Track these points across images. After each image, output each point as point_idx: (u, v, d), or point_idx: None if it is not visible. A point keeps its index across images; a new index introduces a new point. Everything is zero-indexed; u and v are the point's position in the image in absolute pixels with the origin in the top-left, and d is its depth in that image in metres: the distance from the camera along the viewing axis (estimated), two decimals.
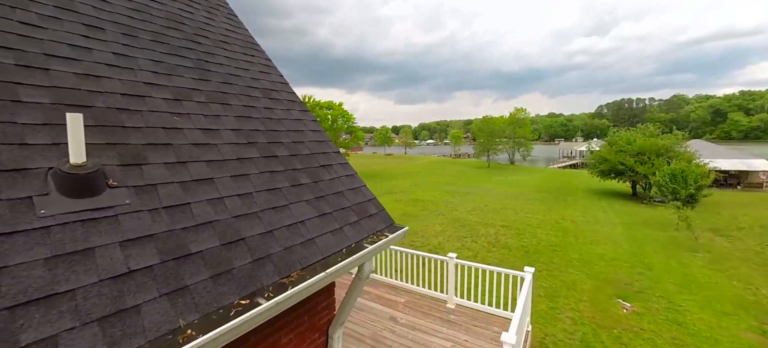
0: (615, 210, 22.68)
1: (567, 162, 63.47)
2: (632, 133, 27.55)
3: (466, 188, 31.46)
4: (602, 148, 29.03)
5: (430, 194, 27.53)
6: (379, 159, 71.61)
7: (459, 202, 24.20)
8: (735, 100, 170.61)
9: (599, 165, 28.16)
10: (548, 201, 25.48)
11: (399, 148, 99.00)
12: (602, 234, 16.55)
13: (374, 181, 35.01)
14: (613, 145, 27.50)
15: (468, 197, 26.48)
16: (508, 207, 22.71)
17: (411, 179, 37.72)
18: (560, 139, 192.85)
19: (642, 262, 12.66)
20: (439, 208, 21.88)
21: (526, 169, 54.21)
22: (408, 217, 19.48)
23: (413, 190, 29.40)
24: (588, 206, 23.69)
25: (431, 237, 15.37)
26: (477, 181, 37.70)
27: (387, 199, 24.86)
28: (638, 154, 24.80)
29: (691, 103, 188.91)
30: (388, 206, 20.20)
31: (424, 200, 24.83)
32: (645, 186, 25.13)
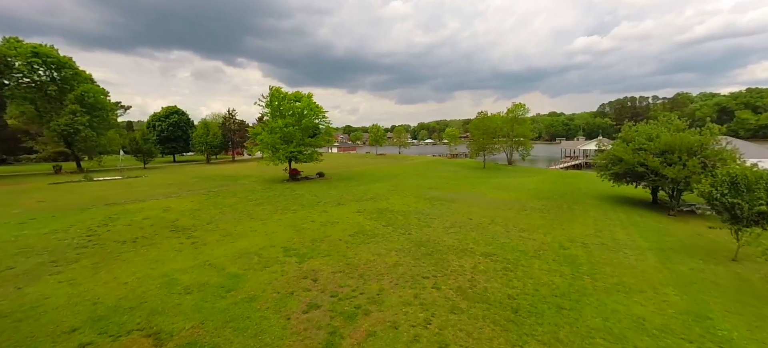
0: (637, 225, 17.27)
1: (570, 162, 57.88)
2: (653, 127, 22.03)
3: (453, 194, 26.12)
4: (615, 145, 23.55)
5: (405, 202, 22.26)
6: (369, 159, 66.35)
7: (437, 214, 18.91)
8: (742, 97, 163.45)
9: (612, 166, 22.71)
10: (550, 212, 20.10)
11: (395, 148, 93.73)
12: (629, 269, 11.19)
13: (348, 185, 29.81)
14: (629, 142, 22.03)
15: (451, 207, 21.17)
16: (498, 221, 17.37)
17: (393, 182, 32.46)
18: (562, 138, 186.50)
19: (714, 337, 7.32)
20: (408, 223, 16.60)
21: (525, 170, 48.72)
22: (361, 237, 14.23)
23: (387, 197, 24.13)
24: (601, 220, 18.29)
25: (372, 278, 10.09)
26: (468, 184, 32.32)
27: (349, 209, 19.64)
28: (664, 153, 19.32)
29: (696, 101, 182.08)
30: (345, 219, 13.87)
31: (394, 211, 19.56)
32: (672, 192, 19.63)
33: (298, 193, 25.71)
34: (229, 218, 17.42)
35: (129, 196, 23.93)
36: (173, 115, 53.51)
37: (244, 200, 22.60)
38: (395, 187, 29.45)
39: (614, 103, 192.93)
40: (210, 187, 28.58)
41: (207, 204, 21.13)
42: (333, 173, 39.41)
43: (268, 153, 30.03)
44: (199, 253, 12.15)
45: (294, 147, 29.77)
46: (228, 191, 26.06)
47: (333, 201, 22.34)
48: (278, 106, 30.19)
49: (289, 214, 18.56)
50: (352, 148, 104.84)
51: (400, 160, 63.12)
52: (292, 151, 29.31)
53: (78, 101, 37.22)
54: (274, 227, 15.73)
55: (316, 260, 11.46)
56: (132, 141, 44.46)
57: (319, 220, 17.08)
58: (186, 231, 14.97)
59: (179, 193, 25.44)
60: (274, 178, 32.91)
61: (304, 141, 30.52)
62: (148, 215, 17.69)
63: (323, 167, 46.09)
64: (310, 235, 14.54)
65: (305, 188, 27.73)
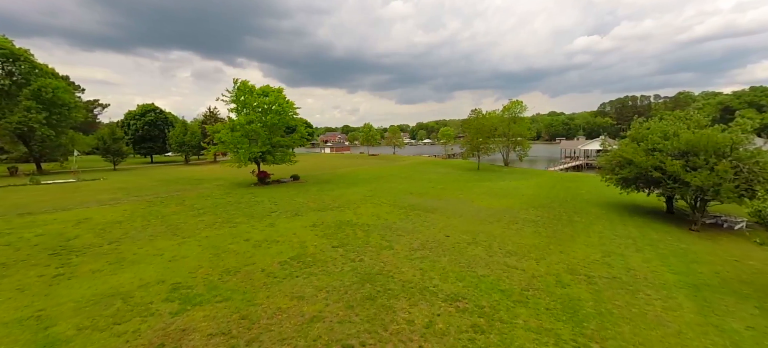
0: (654, 245, 13.62)
1: (570, 163, 54.10)
2: (669, 123, 18.32)
3: (435, 201, 22.53)
4: (622, 145, 19.88)
5: (375, 212, 18.70)
6: (359, 160, 62.77)
7: (408, 229, 15.34)
8: (745, 96, 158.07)
9: (619, 170, 19.04)
10: (546, 225, 16.49)
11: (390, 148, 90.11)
12: (658, 327, 7.57)
13: (322, 190, 26.26)
14: (640, 141, 18.36)
15: (428, 218, 17.59)
16: (480, 240, 13.78)
17: (373, 186, 28.89)
18: (561, 138, 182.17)
19: None
20: (365, 244, 13.03)
21: (522, 171, 45.01)
22: (294, 265, 10.68)
23: (358, 205, 20.57)
24: (608, 237, 14.65)
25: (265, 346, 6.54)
26: (456, 188, 28.70)
27: (302, 222, 16.10)
28: (685, 155, 15.64)
29: (698, 100, 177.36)
30: (289, 236, 13.39)
31: (356, 224, 16.00)
32: (695, 202, 15.92)
33: (258, 199, 22.17)
34: (145, 235, 13.88)
35: (58, 203, 20.45)
36: (149, 114, 49.89)
37: (188, 209, 19.09)
38: (373, 192, 25.88)
39: (615, 103, 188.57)
40: (164, 191, 25.08)
41: (138, 214, 17.62)
42: (312, 176, 35.85)
43: (232, 154, 26.48)
44: (45, 293, 8.61)
45: (260, 147, 26.23)
46: (178, 197, 22.54)
47: (290, 211, 18.78)
48: (244, 100, 26.64)
49: (225, 229, 15.00)
50: (346, 148, 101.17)
51: (391, 161, 59.51)
52: (256, 151, 25.72)
53: (34, 97, 33.82)
54: (190, 249, 12.18)
55: (202, 309, 7.91)
56: (100, 140, 41.04)
57: (256, 239, 13.52)
58: (70, 255, 11.44)
59: (122, 199, 21.95)
60: (241, 182, 29.39)
61: (273, 141, 26.94)
62: (46, 230, 14.18)
63: (305, 169, 42.54)
64: (229, 262, 10.99)
65: (269, 194, 24.18)
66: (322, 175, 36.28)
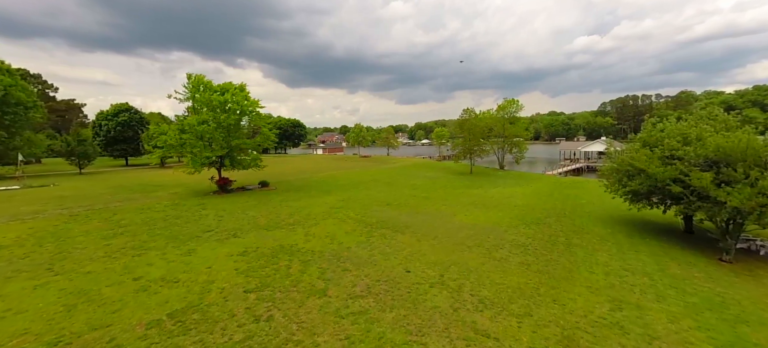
0: (679, 286, 10.18)
1: (570, 166, 50.54)
2: (690, 124, 14.82)
3: (410, 215, 19.14)
4: (630, 150, 16.42)
5: (335, 231, 15.35)
6: (348, 162, 59.42)
7: (365, 258, 11.97)
8: (749, 95, 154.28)
9: (628, 181, 15.57)
10: (538, 252, 13.07)
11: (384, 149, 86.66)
12: None
13: (286, 199, 22.92)
14: (654, 147, 14.90)
15: (395, 241, 14.22)
16: (449, 278, 10.38)
17: (349, 194, 25.52)
18: (561, 138, 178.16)
19: None
20: (296, 284, 9.67)
21: (517, 175, 41.50)
22: (171, 325, 7.34)
23: (320, 220, 17.23)
24: (617, 272, 11.22)
25: None
26: (440, 197, 25.29)
27: (239, 244, 12.76)
28: (715, 165, 12.19)
29: (700, 99, 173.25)
30: (208, 265, 10.81)
31: (303, 250, 12.66)
32: (727, 226, 12.42)
33: (203, 213, 18.81)
34: (9, 270, 10.52)
35: None
36: (123, 114, 46.45)
37: (107, 227, 15.74)
38: (344, 202, 22.49)
39: (615, 102, 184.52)
40: (105, 202, 21.76)
41: (39, 234, 14.28)
42: (285, 182, 32.47)
43: (188, 158, 23.09)
44: None
45: (217, 150, 22.86)
46: (110, 210, 19.21)
47: (228, 231, 15.40)
48: (200, 98, 23.25)
49: (125, 259, 11.63)
50: (339, 149, 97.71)
51: (381, 164, 56.11)
52: (209, 156, 22.32)
53: None
54: (42, 296, 8.81)
55: None
56: (64, 143, 37.81)
57: (151, 277, 10.16)
58: None
59: (45, 212, 18.64)
60: (201, 190, 26.03)
61: (232, 143, 23.54)
62: None
63: (283, 173, 39.08)
64: (76, 322, 7.63)
65: (221, 206, 20.82)
66: (296, 181, 32.90)
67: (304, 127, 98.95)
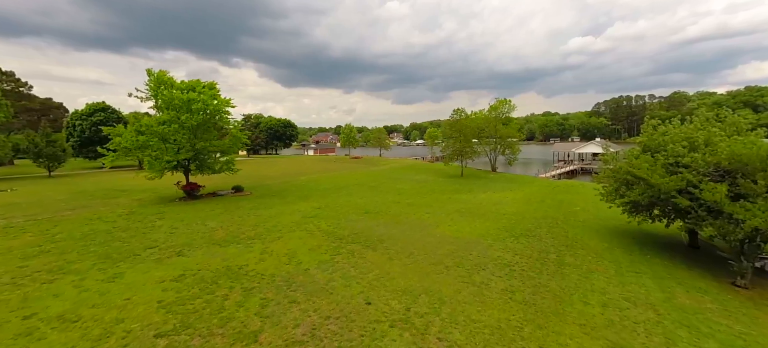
0: (691, 325, 8.43)
1: (563, 168, 49.01)
2: (696, 127, 13.11)
3: (389, 226, 17.31)
4: (630, 156, 14.69)
5: (297, 248, 13.49)
6: (335, 164, 57.52)
7: (322, 284, 10.12)
8: (740, 96, 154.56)
9: (626, 190, 13.85)
10: (525, 274, 11.29)
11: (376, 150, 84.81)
12: None
13: (258, 206, 21.00)
14: (655, 151, 13.19)
15: (363, 259, 12.40)
16: (415, 314, 8.56)
17: (327, 200, 23.65)
18: (556, 139, 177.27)
19: None
20: (225, 323, 7.80)
21: (510, 178, 39.80)
22: None
23: (285, 233, 15.36)
24: (617, 303, 9.46)
25: None
26: (425, 204, 23.49)
27: (178, 266, 10.86)
28: (729, 175, 10.48)
29: (693, 100, 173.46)
30: (126, 297, 8.86)
31: (252, 273, 10.79)
32: (743, 246, 10.69)
33: (157, 224, 16.84)
34: None
35: None
36: (98, 113, 44.02)
37: (40, 241, 13.74)
38: (319, 210, 20.62)
39: (610, 103, 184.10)
40: (55, 210, 19.72)
41: None
42: (263, 186, 30.50)
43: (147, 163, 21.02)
44: None
45: (180, 154, 20.84)
46: (52, 221, 17.17)
47: (173, 248, 13.46)
48: (163, 96, 21.19)
49: (29, 288, 9.66)
50: (331, 150, 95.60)
51: (370, 165, 54.26)
52: (171, 161, 20.27)
53: None
54: None
55: None
56: (31, 143, 35.48)
57: (49, 313, 8.22)
58: None
59: None
60: (168, 196, 24.00)
61: (198, 146, 21.51)
62: None
63: (263, 177, 37.03)
64: None
65: (181, 215, 18.86)
66: (276, 185, 30.92)
67: (295, 128, 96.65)
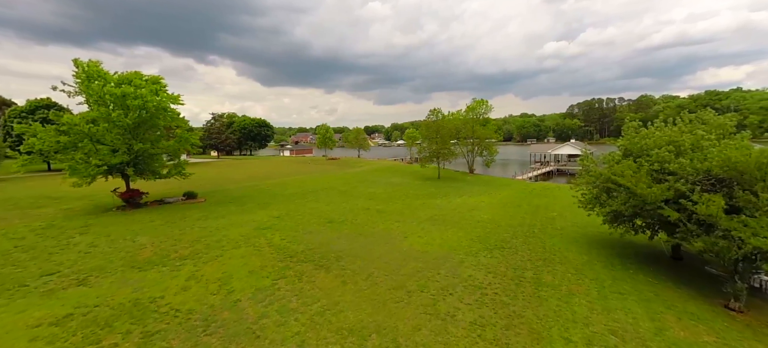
0: None
1: (540, 169, 48.75)
2: (681, 130, 11.97)
3: (352, 238, 15.37)
4: (610, 160, 13.44)
5: (236, 270, 11.34)
6: (309, 165, 54.96)
7: (250, 322, 8.09)
8: (701, 99, 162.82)
9: (607, 199, 12.56)
10: (498, 299, 9.68)
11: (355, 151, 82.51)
12: None
13: (211, 214, 18.55)
14: (638, 156, 11.96)
15: (311, 285, 10.44)
16: None
17: (289, 207, 21.44)
18: (532, 139, 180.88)
19: None
20: None
21: (487, 181, 38.73)
22: None
23: (227, 249, 13.12)
24: (602, 336, 7.96)
25: None
26: (396, 210, 21.71)
27: (69, 300, 8.53)
28: (722, 185, 9.26)
29: (659, 103, 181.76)
30: None
31: (163, 308, 8.60)
32: (737, 266, 9.45)
33: (72, 241, 14.16)
34: None
35: None
36: (40, 111, 39.39)
37: None
38: (276, 220, 18.42)
39: (582, 105, 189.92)
40: None
41: None
42: (223, 191, 27.80)
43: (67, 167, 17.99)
44: None
45: (113, 157, 18.02)
46: None
47: (87, 271, 11.01)
48: (95, 91, 18.26)
49: None
50: (308, 151, 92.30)
51: (346, 167, 52.06)
52: (100, 164, 17.42)
53: None
54: None
55: None
56: None
57: None
58: None
59: None
60: (104, 205, 21.02)
61: (136, 147, 18.70)
62: None
63: (228, 179, 34.11)
64: None
65: (112, 228, 16.18)
66: (237, 190, 28.27)
67: (271, 128, 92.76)
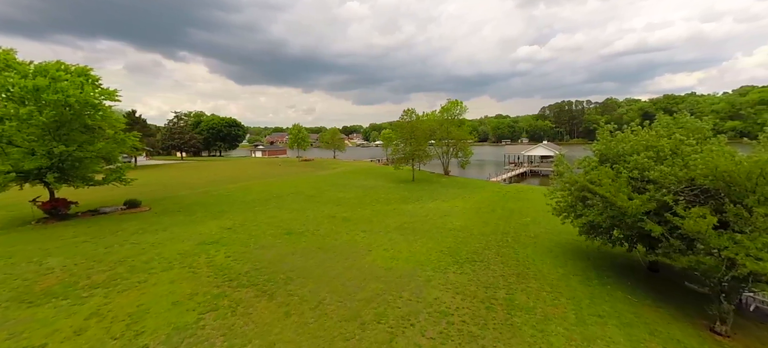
0: None
1: (514, 170, 48.78)
2: (659, 134, 11.16)
3: (310, 254, 13.63)
4: (586, 164, 12.50)
5: (158, 300, 9.32)
6: (279, 167, 52.35)
7: None
8: (660, 103, 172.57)
9: (584, 209, 11.56)
10: (465, 330, 8.30)
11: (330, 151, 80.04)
12: None
13: (151, 226, 16.15)
14: (615, 162, 11.04)
15: (250, 318, 8.71)
16: None
17: (246, 216, 19.36)
18: (507, 140, 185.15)
19: None
20: None
21: (462, 183, 37.86)
22: None
23: (158, 271, 11.03)
24: None
25: None
26: (366, 217, 20.13)
27: None
28: (704, 194, 8.36)
29: (623, 106, 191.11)
30: None
31: None
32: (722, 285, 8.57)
33: None
34: None
35: None
36: None
37: None
38: (230, 230, 16.36)
39: (553, 107, 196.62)
40: None
41: None
42: (174, 198, 25.10)
43: None
44: None
45: (31, 161, 15.23)
46: None
47: None
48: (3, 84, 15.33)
49: None
50: (281, 151, 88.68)
51: (318, 169, 49.88)
52: (9, 171, 14.58)
53: None
54: None
55: None
56: None
57: None
58: None
59: None
60: (24, 218, 18.01)
61: (58, 151, 15.90)
62: None
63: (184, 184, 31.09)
64: None
65: (19, 246, 13.53)
66: (190, 197, 25.63)
67: (242, 127, 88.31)
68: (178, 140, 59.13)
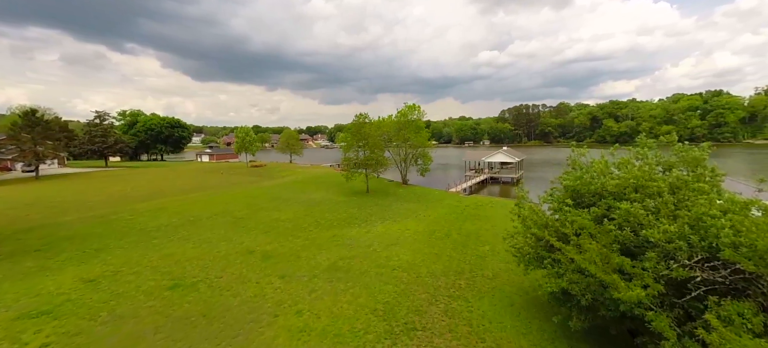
0: None
1: (475, 178, 46.89)
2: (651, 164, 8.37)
3: (176, 332, 9.34)
4: (559, 202, 9.48)
5: None
6: (219, 176, 46.36)
7: None
8: (607, 108, 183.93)
9: (555, 265, 8.47)
10: None
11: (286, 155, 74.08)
12: None
13: None
14: (590, 204, 8.09)
15: None
16: None
17: (139, 251, 14.53)
18: (470, 141, 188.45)
19: None
20: None
21: (419, 194, 34.73)
22: None
23: None
24: None
25: None
26: (294, 251, 16.08)
27: None
28: (736, 276, 5.51)
29: (574, 110, 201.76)
30: None
31: None
32: None
33: None
34: None
35: None
36: None
37: None
38: (90, 284, 11.65)
39: (512, 110, 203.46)
40: None
41: None
42: (51, 225, 19.32)
43: None
44: None
45: None
46: None
47: None
48: None
49: None
50: (231, 155, 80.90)
51: (265, 178, 44.64)
52: None
53: None
54: None
55: None
56: None
57: None
58: None
59: None
60: None
61: None
62: None
63: (79, 201, 24.55)
64: None
65: None
66: (75, 222, 19.90)
67: (185, 128, 79.28)
68: (99, 144, 49.94)
